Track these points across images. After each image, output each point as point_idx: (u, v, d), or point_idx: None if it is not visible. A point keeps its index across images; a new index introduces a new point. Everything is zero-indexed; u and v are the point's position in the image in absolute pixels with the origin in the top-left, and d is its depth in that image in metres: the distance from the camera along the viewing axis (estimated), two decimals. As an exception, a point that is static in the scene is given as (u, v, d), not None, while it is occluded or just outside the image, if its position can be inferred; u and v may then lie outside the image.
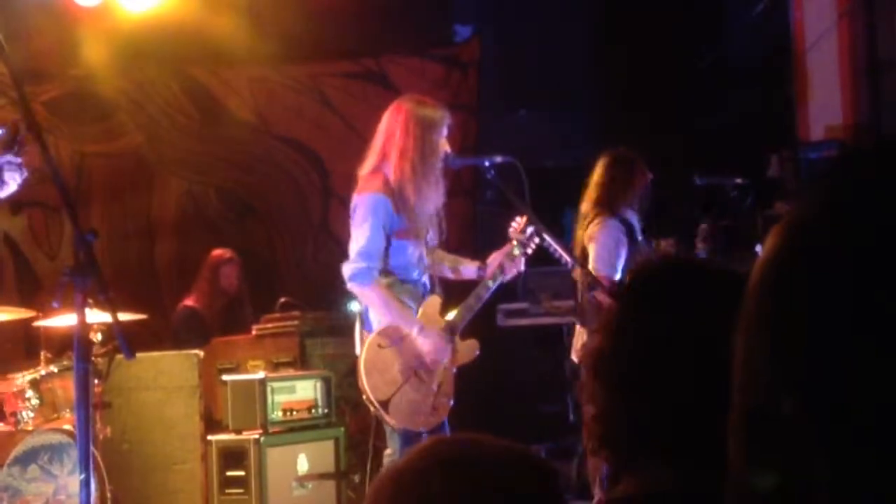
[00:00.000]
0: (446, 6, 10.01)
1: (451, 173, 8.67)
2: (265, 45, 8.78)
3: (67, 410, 5.92)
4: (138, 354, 6.38)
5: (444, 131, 5.26)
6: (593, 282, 5.44)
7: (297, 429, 6.51)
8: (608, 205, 5.98)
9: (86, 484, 3.53)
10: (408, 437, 5.11)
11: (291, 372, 6.89)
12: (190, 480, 6.61)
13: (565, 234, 6.96)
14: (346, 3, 8.88)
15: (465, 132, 9.41)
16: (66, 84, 8.92)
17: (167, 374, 6.75)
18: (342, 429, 6.72)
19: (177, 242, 9.01)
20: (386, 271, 5.12)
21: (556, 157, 9.17)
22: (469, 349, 5.48)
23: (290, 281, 9.03)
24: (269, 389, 6.31)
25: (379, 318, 5.15)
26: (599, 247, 5.87)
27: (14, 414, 5.91)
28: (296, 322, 7.33)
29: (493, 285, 5.38)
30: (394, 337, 5.10)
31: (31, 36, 8.23)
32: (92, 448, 5.71)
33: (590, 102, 9.78)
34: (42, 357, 6.03)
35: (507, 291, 8.29)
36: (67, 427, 5.80)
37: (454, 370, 5.34)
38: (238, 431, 6.31)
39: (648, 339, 1.53)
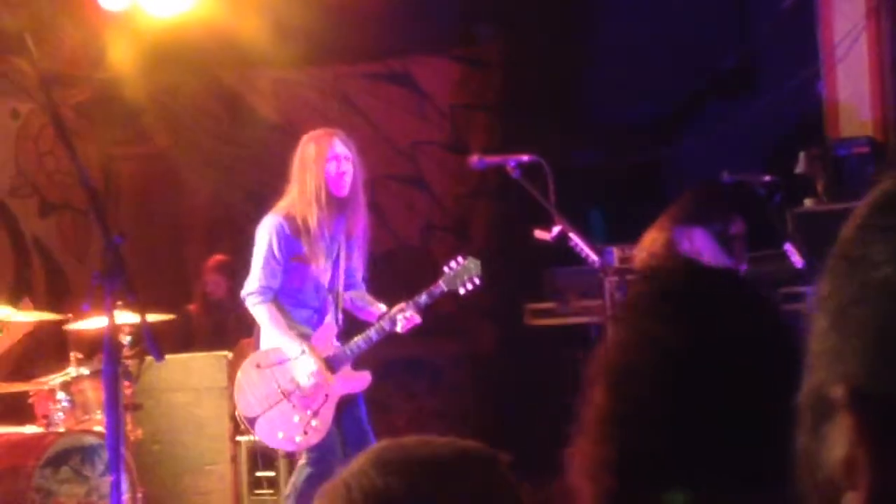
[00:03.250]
0: (469, 6, 10.00)
1: (477, 174, 8.75)
2: (290, 47, 8.80)
3: (98, 412, 5.96)
4: (168, 356, 6.45)
5: (333, 153, 5.26)
6: (621, 282, 5.43)
7: (326, 429, 6.51)
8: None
9: (116, 485, 3.55)
10: (322, 449, 5.20)
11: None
12: (220, 481, 6.64)
13: (591, 234, 6.95)
14: (370, 5, 8.89)
15: (489, 132, 9.41)
16: (95, 88, 8.99)
17: (197, 375, 6.79)
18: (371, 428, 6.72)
19: (205, 244, 9.06)
20: (284, 293, 5.22)
21: (584, 157, 9.16)
22: (357, 380, 5.48)
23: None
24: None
25: (266, 338, 5.27)
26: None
27: (46, 416, 5.96)
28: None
29: (387, 329, 5.38)
30: (273, 359, 5.21)
31: (59, 40, 8.30)
32: (123, 449, 5.77)
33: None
34: (72, 359, 6.07)
35: (533, 290, 8.30)
36: (98, 429, 5.85)
37: (337, 398, 5.32)
38: (268, 432, 6.33)
39: (666, 354, 1.42)
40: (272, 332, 5.20)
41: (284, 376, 5.20)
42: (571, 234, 5.34)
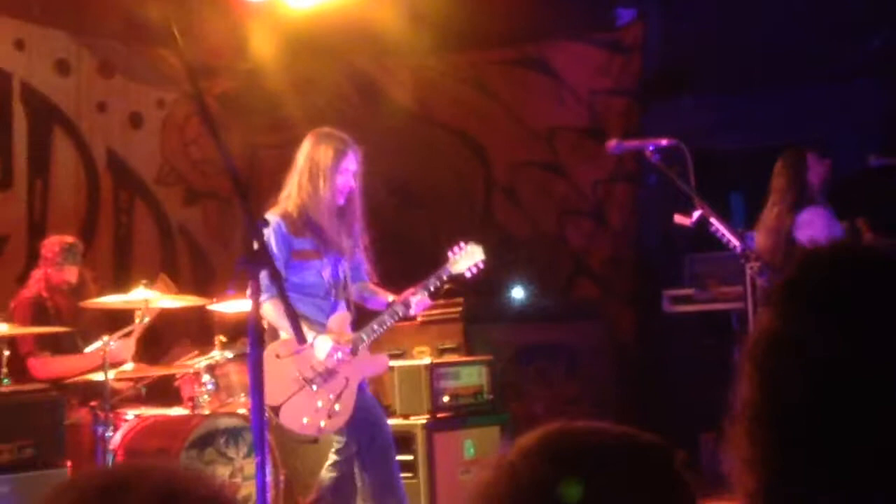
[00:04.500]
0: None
1: (614, 158, 8.67)
2: (426, 35, 8.85)
3: (242, 394, 6.09)
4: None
5: (345, 166, 5.44)
6: (763, 268, 5.33)
7: (463, 414, 6.56)
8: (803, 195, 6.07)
9: (261, 466, 3.62)
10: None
11: (456, 358, 6.94)
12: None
13: (732, 219, 6.84)
14: (507, -10, 8.89)
15: (627, 117, 9.32)
16: (237, 78, 9.17)
17: (339, 358, 6.85)
18: (507, 415, 6.74)
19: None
20: (291, 288, 5.19)
21: (724, 140, 9.00)
22: (376, 364, 5.59)
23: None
24: (435, 375, 6.39)
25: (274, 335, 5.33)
26: (814, 232, 5.88)
27: (192, 398, 6.10)
28: (459, 308, 7.38)
29: (401, 314, 5.43)
30: (290, 348, 5.25)
31: (204, 31, 8.48)
32: (266, 432, 5.89)
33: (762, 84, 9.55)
34: (217, 342, 6.20)
35: (672, 277, 8.21)
36: (242, 411, 5.97)
37: (357, 383, 5.37)
38: (406, 416, 6.40)
39: (821, 360, 1.32)
40: (282, 327, 5.25)
41: (304, 364, 5.29)
42: (712, 219, 5.26)
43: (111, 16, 8.16)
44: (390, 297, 5.52)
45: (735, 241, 5.30)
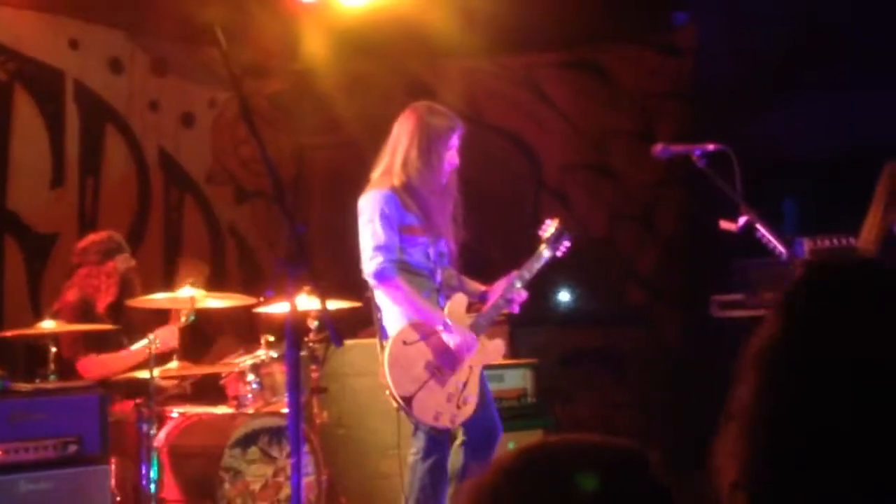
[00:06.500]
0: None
1: (664, 162, 8.60)
2: (478, 36, 8.83)
3: (286, 394, 6.10)
4: (354, 341, 6.56)
5: (454, 142, 5.23)
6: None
7: (507, 417, 6.51)
8: None
9: (296, 468, 3.63)
10: (433, 437, 5.07)
11: (501, 360, 6.91)
12: (403, 465, 6.69)
13: (783, 225, 6.76)
14: (560, -7, 8.85)
15: (679, 120, 9.24)
16: (288, 78, 9.21)
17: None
18: (552, 418, 6.70)
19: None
20: (401, 265, 5.07)
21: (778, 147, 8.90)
22: (495, 350, 5.39)
23: (502, 271, 9.07)
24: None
25: (402, 314, 5.09)
26: None
27: (236, 397, 6.13)
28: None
29: (503, 307, 5.31)
30: (420, 333, 5.04)
31: (257, 32, 8.53)
32: (309, 432, 5.90)
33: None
34: (262, 342, 6.22)
35: (721, 281, 8.12)
36: (285, 411, 5.98)
37: (480, 370, 5.21)
38: (449, 419, 6.37)
39: (827, 363, 1.33)
40: (411, 306, 5.04)
41: (434, 350, 5.08)
42: (758, 226, 5.20)
43: (164, 15, 8.23)
44: (481, 288, 5.39)
45: (781, 248, 5.24)
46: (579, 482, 1.33)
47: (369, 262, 5.10)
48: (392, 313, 5.13)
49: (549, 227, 5.51)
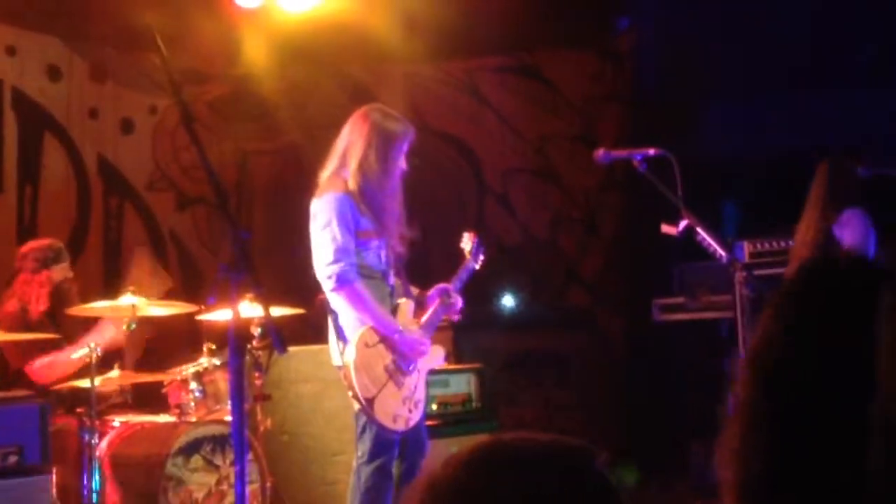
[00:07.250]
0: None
1: (604, 167, 8.66)
2: (420, 42, 8.84)
3: (229, 402, 6.06)
4: (297, 348, 6.54)
5: (405, 147, 5.23)
6: (749, 278, 5.32)
7: (452, 422, 6.54)
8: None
9: (240, 475, 3.61)
10: (381, 440, 5.07)
11: (445, 365, 6.92)
12: (348, 471, 6.65)
13: (723, 227, 6.82)
14: (501, -2, 8.88)
15: (620, 124, 9.32)
16: (228, 84, 9.16)
17: (325, 366, 6.80)
18: (496, 423, 6.72)
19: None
20: (358, 268, 5.09)
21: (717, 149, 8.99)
22: (438, 355, 5.46)
23: (444, 275, 9.09)
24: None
25: (359, 319, 5.09)
26: (853, 238, 5.89)
27: (179, 405, 6.08)
28: (449, 315, 7.36)
29: (444, 313, 5.44)
30: (377, 337, 5.08)
31: (196, 37, 8.47)
32: (253, 439, 5.87)
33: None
34: (205, 349, 6.19)
35: (662, 285, 8.20)
36: (229, 419, 5.94)
37: (426, 374, 5.30)
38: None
39: (824, 359, 1.35)
40: (367, 311, 5.05)
41: (389, 354, 5.11)
42: (698, 229, 5.25)
43: (103, 21, 8.15)
44: (419, 293, 5.43)
45: (721, 251, 5.29)
46: (540, 474, 1.35)
47: (328, 266, 5.07)
48: (349, 316, 5.12)
49: (468, 242, 5.62)
